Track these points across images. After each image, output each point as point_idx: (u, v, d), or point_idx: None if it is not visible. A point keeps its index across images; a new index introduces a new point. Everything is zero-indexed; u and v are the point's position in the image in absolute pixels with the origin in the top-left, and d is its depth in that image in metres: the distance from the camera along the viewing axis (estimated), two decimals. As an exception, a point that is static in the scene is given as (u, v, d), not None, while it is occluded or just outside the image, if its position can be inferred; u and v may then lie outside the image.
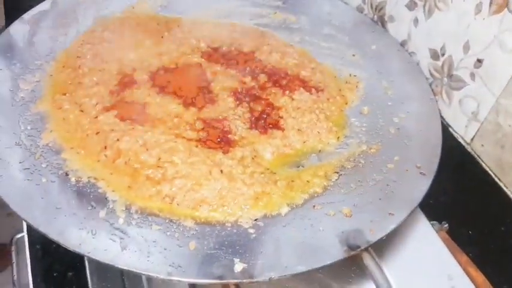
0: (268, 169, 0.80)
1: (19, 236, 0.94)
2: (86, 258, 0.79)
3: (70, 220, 0.69)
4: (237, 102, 0.90)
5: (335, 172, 0.81)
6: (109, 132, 0.81)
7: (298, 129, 0.87)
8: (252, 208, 0.74)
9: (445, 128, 0.94)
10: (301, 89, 0.94)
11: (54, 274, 0.80)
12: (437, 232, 0.81)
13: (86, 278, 0.78)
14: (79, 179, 0.75)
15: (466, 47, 0.88)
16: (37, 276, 0.81)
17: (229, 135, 0.84)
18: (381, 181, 0.79)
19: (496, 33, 0.81)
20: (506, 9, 0.79)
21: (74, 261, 0.80)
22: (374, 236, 0.70)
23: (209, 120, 0.86)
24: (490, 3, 0.81)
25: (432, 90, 0.96)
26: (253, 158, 0.81)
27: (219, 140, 0.83)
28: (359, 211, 0.74)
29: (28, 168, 0.75)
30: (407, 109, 0.92)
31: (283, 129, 0.87)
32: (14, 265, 0.95)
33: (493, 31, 0.82)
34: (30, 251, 0.83)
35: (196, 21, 1.07)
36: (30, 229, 0.84)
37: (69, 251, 0.66)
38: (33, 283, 0.80)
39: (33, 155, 0.77)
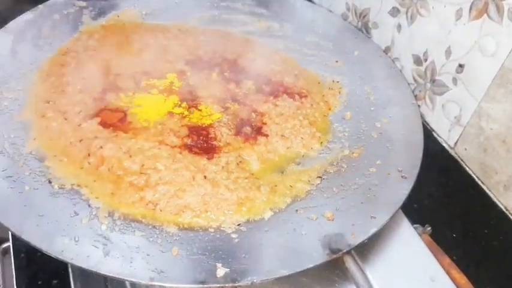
0: (252, 174, 0.81)
1: (5, 245, 0.94)
2: (69, 265, 0.78)
3: (53, 227, 0.69)
4: (222, 109, 0.91)
5: (318, 177, 0.81)
6: (92, 140, 0.81)
7: (282, 135, 0.87)
8: (235, 213, 0.75)
9: (429, 132, 0.95)
10: (285, 95, 0.95)
11: (39, 282, 0.80)
12: (420, 235, 0.82)
13: (70, 285, 0.78)
14: (62, 186, 0.75)
15: (448, 53, 0.89)
16: (22, 284, 0.80)
17: (214, 142, 0.85)
18: (363, 185, 0.80)
19: (477, 39, 0.82)
20: (485, 14, 0.80)
21: (58, 269, 0.80)
22: (356, 240, 0.70)
23: (194, 127, 0.87)
24: (470, 9, 0.82)
25: (415, 95, 0.97)
26: (238, 164, 0.82)
27: (203, 146, 0.84)
28: (341, 215, 0.75)
29: (11, 176, 0.75)
30: (389, 114, 0.93)
31: (267, 136, 0.87)
32: (0, 274, 0.94)
33: (473, 36, 0.83)
34: (15, 260, 0.83)
35: (181, 28, 1.08)
36: (15, 238, 0.84)
37: (54, 258, 0.66)
38: (18, 291, 0.80)
39: (17, 163, 0.77)
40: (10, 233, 0.85)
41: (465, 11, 0.83)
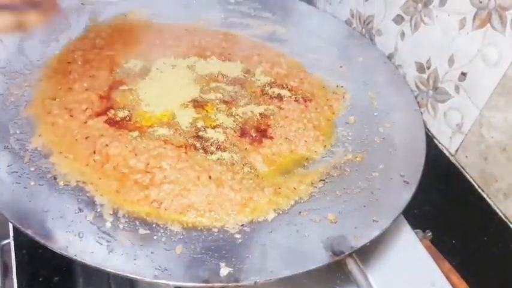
0: (256, 176, 0.81)
1: (4, 242, 0.94)
2: (72, 262, 0.79)
3: (57, 223, 0.69)
4: (228, 111, 0.92)
5: (321, 180, 0.82)
6: (98, 138, 0.81)
7: (286, 138, 0.88)
8: (239, 214, 0.75)
9: (430, 139, 0.95)
10: (290, 98, 0.95)
11: (40, 279, 0.80)
12: (420, 240, 0.82)
13: (72, 282, 0.78)
14: (67, 183, 0.76)
15: (451, 61, 0.90)
16: (23, 281, 0.80)
17: (220, 143, 0.85)
18: (365, 189, 0.80)
19: (480, 47, 0.83)
20: (488, 24, 0.81)
21: (60, 265, 0.80)
22: (358, 242, 0.71)
23: (200, 127, 0.87)
24: (474, 19, 0.83)
25: (418, 102, 0.98)
26: (243, 165, 0.82)
27: (209, 147, 0.84)
28: (344, 218, 0.75)
29: (16, 172, 0.76)
30: (392, 119, 0.94)
31: (271, 138, 0.88)
32: (-1, 272, 0.94)
33: (476, 45, 0.84)
34: (16, 256, 0.83)
35: (189, 28, 1.09)
36: (17, 234, 0.84)
37: (56, 255, 0.66)
38: (18, 288, 0.80)
39: (22, 158, 0.78)
40: (11, 230, 0.85)
41: (469, 20, 0.84)
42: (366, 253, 0.76)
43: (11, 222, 0.69)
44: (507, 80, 0.79)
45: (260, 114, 0.92)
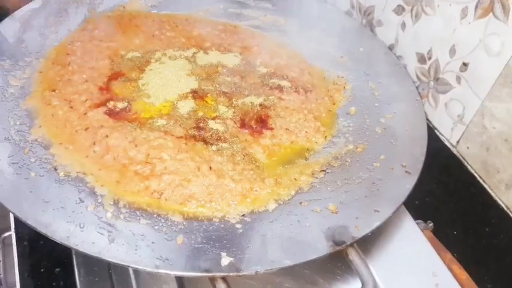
0: (257, 167, 0.81)
1: (6, 234, 0.94)
2: (73, 252, 0.79)
3: (58, 213, 0.69)
4: (228, 102, 0.91)
5: (322, 170, 0.82)
6: (98, 129, 0.81)
7: (287, 129, 0.88)
8: (240, 204, 0.75)
9: (432, 130, 0.95)
10: (290, 89, 0.95)
11: (42, 270, 0.80)
12: (422, 231, 0.82)
13: (73, 273, 0.78)
14: (68, 174, 0.75)
15: (452, 51, 0.89)
16: (24, 272, 0.80)
17: (220, 134, 0.85)
18: (367, 179, 0.80)
19: (482, 37, 0.83)
20: (491, 13, 0.80)
21: (61, 256, 0.80)
22: (359, 232, 0.71)
23: (200, 118, 0.87)
24: (476, 8, 0.83)
25: (418, 92, 0.97)
26: (243, 156, 0.82)
27: (209, 138, 0.84)
28: (345, 208, 0.75)
29: (17, 163, 0.75)
30: (393, 110, 0.93)
31: (272, 129, 0.88)
32: (0, 264, 0.94)
33: (478, 35, 0.83)
34: (17, 248, 0.83)
35: (189, 18, 1.09)
36: (18, 225, 0.84)
37: (57, 246, 0.66)
38: (20, 279, 0.80)
39: (22, 149, 0.78)
40: (13, 222, 0.85)
41: (471, 9, 0.84)
42: (368, 243, 0.76)
43: (12, 213, 0.69)
44: (510, 70, 0.79)
45: (260, 105, 0.92)
